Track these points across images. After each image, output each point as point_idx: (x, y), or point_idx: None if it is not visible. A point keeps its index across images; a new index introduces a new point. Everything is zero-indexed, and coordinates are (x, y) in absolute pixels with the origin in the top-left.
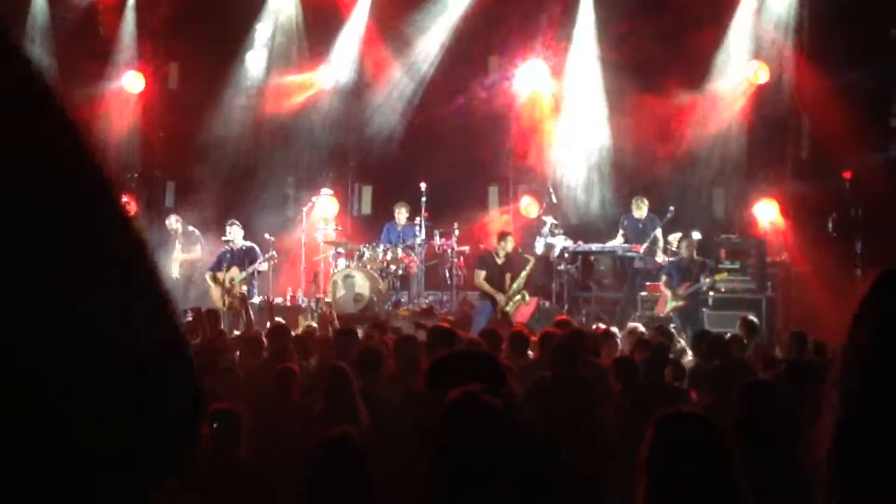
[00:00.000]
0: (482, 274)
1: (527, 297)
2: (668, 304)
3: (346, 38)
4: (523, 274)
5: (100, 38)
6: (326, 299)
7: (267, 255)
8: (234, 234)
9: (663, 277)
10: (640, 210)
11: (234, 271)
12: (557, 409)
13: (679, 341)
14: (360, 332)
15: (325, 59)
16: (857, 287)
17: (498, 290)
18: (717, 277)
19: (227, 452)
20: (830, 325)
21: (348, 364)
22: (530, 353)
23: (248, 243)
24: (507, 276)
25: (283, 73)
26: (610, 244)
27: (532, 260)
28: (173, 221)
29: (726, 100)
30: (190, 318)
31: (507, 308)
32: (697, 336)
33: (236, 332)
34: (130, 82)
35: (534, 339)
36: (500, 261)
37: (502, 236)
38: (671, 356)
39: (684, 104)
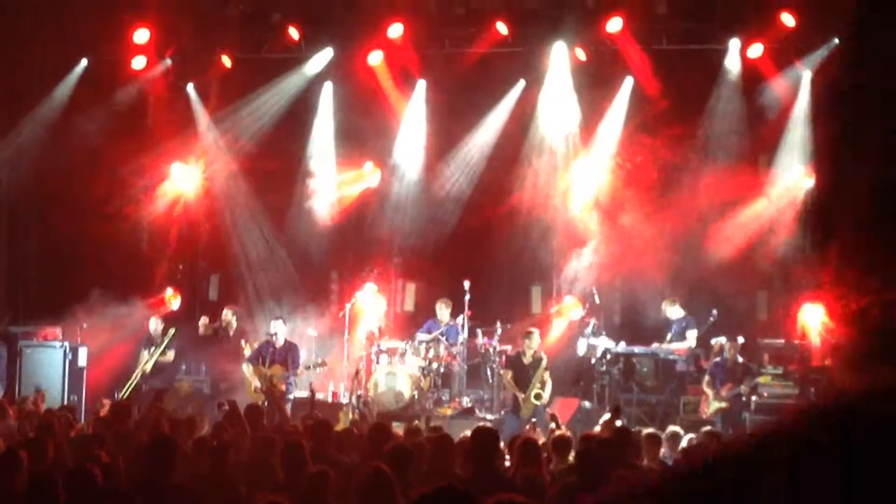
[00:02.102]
0: (509, 374)
1: (543, 398)
2: (711, 406)
3: (398, 137)
4: (536, 374)
5: (148, 130)
6: (366, 395)
7: (317, 362)
8: (279, 329)
9: (706, 377)
10: (671, 310)
11: (278, 369)
12: None
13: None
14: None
15: (373, 157)
16: None
17: (523, 389)
18: (761, 380)
19: None
20: None
21: (382, 461)
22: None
23: (291, 341)
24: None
25: (331, 170)
26: (655, 346)
27: (545, 359)
28: (229, 315)
29: (773, 203)
30: (226, 409)
31: (522, 412)
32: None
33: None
34: (178, 174)
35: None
36: (526, 360)
37: (527, 335)
38: None
39: (728, 209)
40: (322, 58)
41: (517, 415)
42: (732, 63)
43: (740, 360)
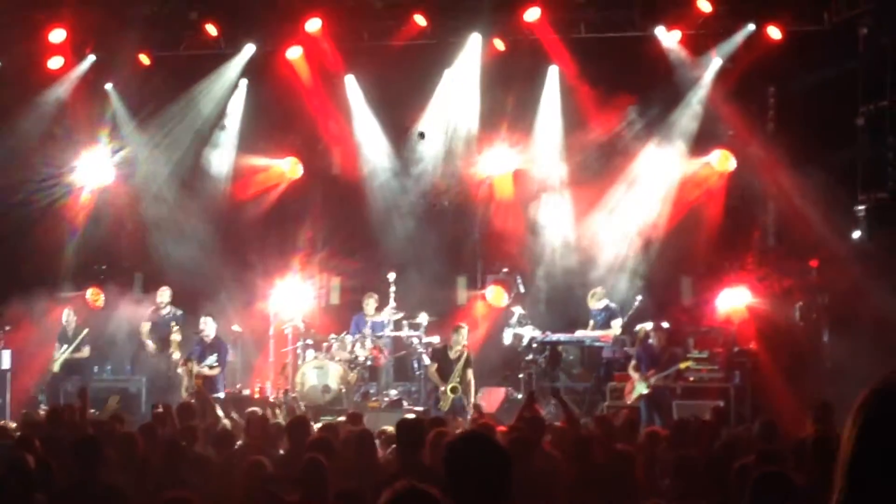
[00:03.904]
0: (434, 366)
1: (458, 392)
2: (636, 391)
3: (321, 131)
4: (456, 369)
5: (68, 129)
6: (294, 392)
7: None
8: (208, 326)
9: (633, 362)
10: (594, 301)
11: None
12: None
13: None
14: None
15: (294, 148)
16: (823, 376)
17: (445, 382)
18: (682, 365)
19: None
20: (797, 413)
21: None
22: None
23: (220, 339)
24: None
25: (250, 162)
26: (580, 333)
27: (465, 356)
28: (167, 295)
29: (696, 186)
30: (160, 411)
31: (441, 404)
32: (676, 425)
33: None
34: (99, 172)
35: (501, 429)
36: (452, 354)
37: (456, 329)
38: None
39: (651, 195)
40: (244, 54)
41: (437, 408)
42: (666, 48)
43: (666, 345)
